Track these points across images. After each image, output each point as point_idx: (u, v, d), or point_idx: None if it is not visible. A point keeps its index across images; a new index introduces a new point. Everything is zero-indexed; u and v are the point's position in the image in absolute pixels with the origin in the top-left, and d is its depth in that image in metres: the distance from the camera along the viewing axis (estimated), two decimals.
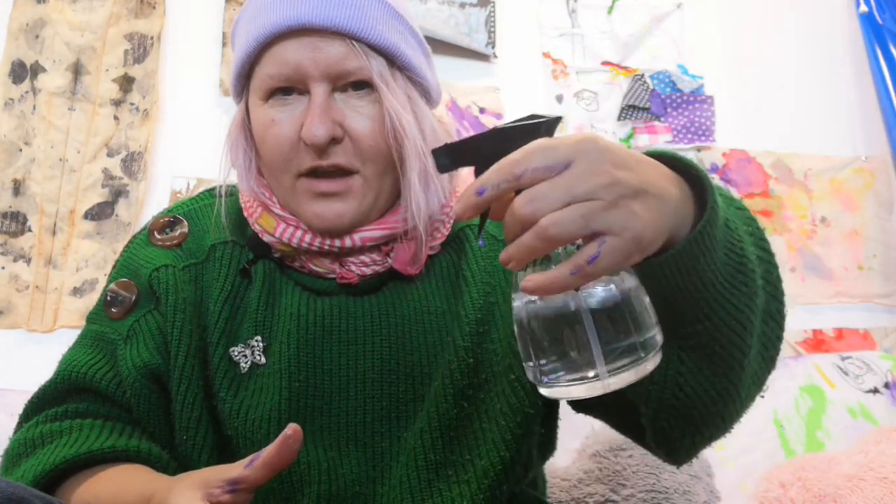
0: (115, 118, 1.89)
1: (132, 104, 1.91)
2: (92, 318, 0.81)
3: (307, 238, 0.76)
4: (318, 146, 0.71)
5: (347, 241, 0.75)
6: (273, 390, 0.73)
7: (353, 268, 0.76)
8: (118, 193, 1.86)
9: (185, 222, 0.83)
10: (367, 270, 0.77)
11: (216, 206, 0.83)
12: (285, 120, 0.73)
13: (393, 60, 0.74)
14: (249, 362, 0.75)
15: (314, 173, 0.74)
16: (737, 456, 1.63)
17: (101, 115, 1.88)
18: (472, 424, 0.75)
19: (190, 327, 0.76)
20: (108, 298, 0.79)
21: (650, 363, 0.51)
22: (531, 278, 0.47)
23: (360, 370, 0.74)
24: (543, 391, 0.52)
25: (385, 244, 0.77)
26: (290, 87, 0.73)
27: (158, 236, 0.82)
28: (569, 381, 0.50)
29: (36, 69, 1.87)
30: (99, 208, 1.85)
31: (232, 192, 0.84)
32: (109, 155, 1.88)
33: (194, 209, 0.85)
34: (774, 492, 1.51)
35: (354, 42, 0.72)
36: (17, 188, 1.81)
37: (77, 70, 1.88)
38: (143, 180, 1.87)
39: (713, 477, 1.53)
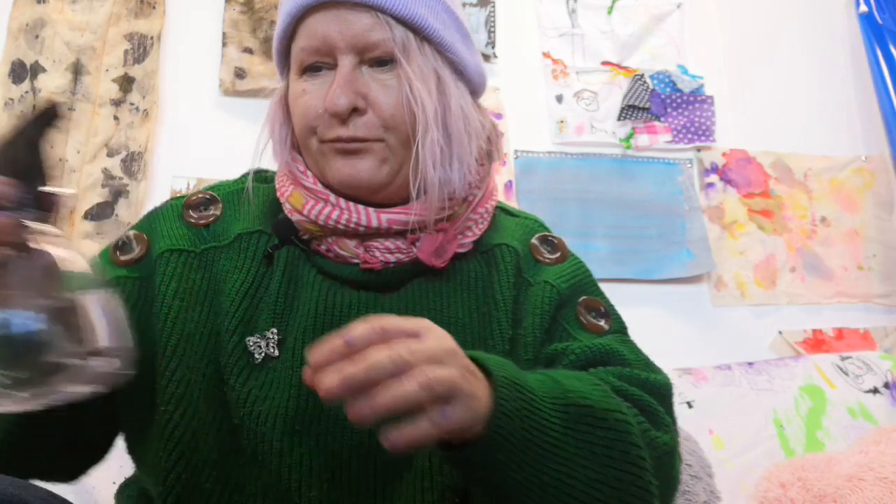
0: (115, 118, 1.89)
1: (132, 104, 1.91)
2: (102, 253, 0.82)
3: (334, 215, 0.76)
4: (339, 115, 0.73)
5: (374, 221, 0.75)
6: (283, 386, 0.72)
7: (378, 253, 0.76)
8: (118, 193, 1.86)
9: (221, 205, 0.84)
10: (391, 258, 0.77)
11: (250, 189, 0.84)
12: (314, 91, 0.76)
13: (419, 32, 0.75)
14: (263, 354, 0.74)
15: (336, 142, 0.76)
16: (737, 456, 1.63)
17: (101, 115, 1.88)
18: None
19: (195, 315, 0.76)
20: (122, 242, 0.81)
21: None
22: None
23: None
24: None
25: (412, 232, 0.77)
26: (321, 64, 0.76)
27: (193, 213, 0.83)
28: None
29: (36, 69, 1.86)
30: (99, 208, 1.85)
31: (268, 179, 0.86)
32: (109, 155, 1.88)
33: (232, 192, 0.86)
34: (774, 492, 1.51)
35: (380, 13, 0.74)
36: None
37: (77, 70, 1.88)
38: (143, 180, 1.87)
39: (713, 477, 1.53)
